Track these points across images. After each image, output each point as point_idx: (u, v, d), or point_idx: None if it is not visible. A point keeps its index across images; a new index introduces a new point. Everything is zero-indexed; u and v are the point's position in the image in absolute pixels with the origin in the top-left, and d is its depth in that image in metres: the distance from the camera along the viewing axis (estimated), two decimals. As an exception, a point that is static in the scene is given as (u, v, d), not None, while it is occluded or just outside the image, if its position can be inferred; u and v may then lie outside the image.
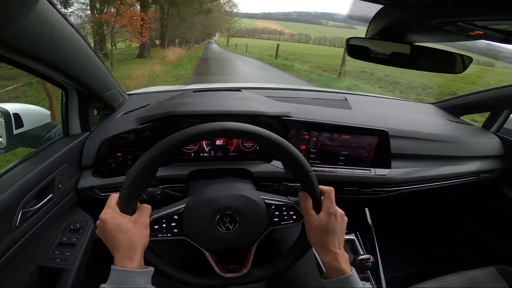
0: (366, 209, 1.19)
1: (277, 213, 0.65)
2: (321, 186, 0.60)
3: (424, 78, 9.81)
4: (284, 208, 0.65)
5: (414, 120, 1.21)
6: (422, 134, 1.13)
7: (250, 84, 1.39)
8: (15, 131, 0.83)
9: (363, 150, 1.02)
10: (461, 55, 0.71)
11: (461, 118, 1.42)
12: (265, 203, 0.65)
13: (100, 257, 0.64)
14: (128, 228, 0.52)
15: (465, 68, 0.72)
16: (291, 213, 0.65)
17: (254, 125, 0.57)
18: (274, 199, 0.66)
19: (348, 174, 1.01)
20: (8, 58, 0.56)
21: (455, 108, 1.42)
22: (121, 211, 0.53)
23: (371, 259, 0.97)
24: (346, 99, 1.27)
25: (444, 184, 1.15)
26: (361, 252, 1.10)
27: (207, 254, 0.63)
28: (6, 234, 0.62)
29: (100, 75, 0.85)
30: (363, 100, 1.38)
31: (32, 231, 0.70)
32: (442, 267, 1.49)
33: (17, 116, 0.84)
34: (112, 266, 0.49)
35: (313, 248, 0.63)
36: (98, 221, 0.53)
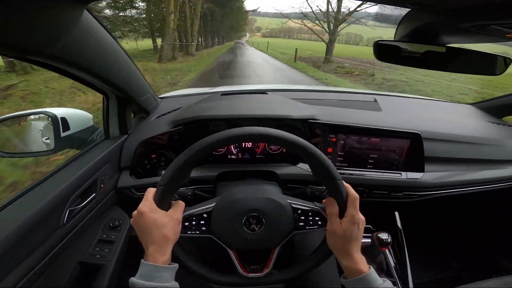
0: (396, 213, 1.15)
1: (302, 217, 0.66)
2: (347, 190, 0.60)
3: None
4: (310, 213, 0.66)
5: (450, 122, 1.15)
6: (458, 137, 1.07)
7: (276, 86, 1.40)
8: (62, 134, 0.90)
9: (394, 153, 0.99)
10: (503, 57, 0.67)
11: (503, 119, 1.32)
12: (292, 207, 0.66)
13: (135, 254, 0.68)
14: (164, 223, 0.55)
15: (506, 68, 0.68)
16: (316, 218, 0.65)
17: (280, 128, 0.58)
18: (300, 203, 0.67)
19: (377, 178, 0.99)
20: (56, 67, 0.60)
21: (497, 108, 1.32)
22: (157, 206, 0.56)
23: (389, 238, 0.93)
24: (375, 101, 1.23)
25: (482, 189, 1.08)
26: (390, 257, 1.06)
27: (231, 253, 0.65)
28: (54, 231, 0.67)
29: (136, 81, 0.90)
30: (394, 101, 1.34)
31: (77, 228, 0.75)
32: (478, 272, 1.40)
33: (64, 120, 0.91)
34: (142, 261, 0.53)
35: None
36: (135, 211, 0.56)
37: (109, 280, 0.78)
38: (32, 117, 0.96)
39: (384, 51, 0.70)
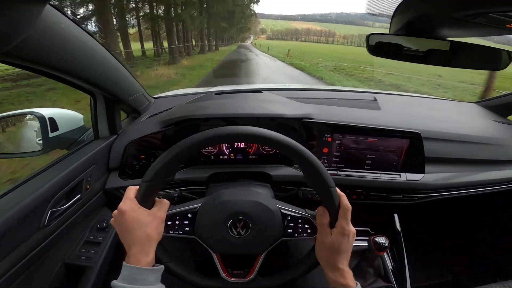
0: (396, 215, 1.11)
1: (291, 224, 0.62)
2: (340, 199, 0.57)
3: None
4: (300, 220, 0.62)
5: (453, 121, 1.11)
6: (461, 136, 1.02)
7: (273, 85, 1.36)
8: (51, 135, 0.88)
9: (393, 154, 0.95)
10: (507, 51, 0.63)
11: (508, 118, 1.27)
12: (281, 212, 0.63)
13: (122, 256, 0.66)
14: (146, 223, 0.52)
15: (510, 62, 0.64)
16: (306, 226, 0.62)
17: (274, 127, 0.55)
18: (291, 210, 0.63)
19: (375, 179, 0.95)
20: (20, 65, 0.57)
21: (502, 107, 1.27)
22: (140, 204, 0.53)
23: (386, 242, 0.89)
24: (375, 99, 1.19)
25: (485, 191, 1.04)
26: (388, 261, 1.02)
27: (214, 256, 0.63)
28: (34, 233, 0.65)
29: (122, 80, 0.88)
30: (394, 100, 1.29)
31: (60, 229, 0.73)
32: (479, 276, 1.35)
33: (52, 120, 0.89)
34: (124, 263, 0.50)
35: None
36: (115, 211, 0.53)
37: (94, 282, 0.76)
38: (26, 117, 0.95)
39: (379, 47, 0.67)
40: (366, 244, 0.92)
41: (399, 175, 0.96)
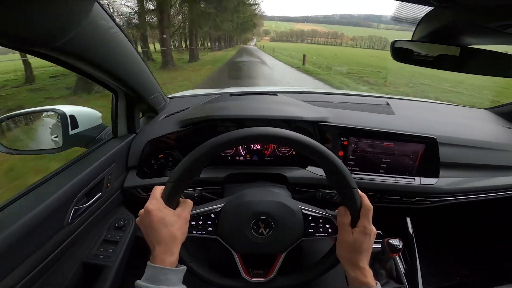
0: (408, 218, 1.12)
1: (312, 224, 0.63)
2: (362, 199, 0.58)
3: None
4: (320, 220, 0.63)
5: (466, 127, 1.12)
6: (475, 142, 1.03)
7: (286, 88, 1.37)
8: (71, 132, 0.90)
9: (408, 158, 0.96)
10: None
11: None
12: (302, 213, 0.64)
13: (139, 255, 0.66)
14: (172, 222, 0.53)
15: None
16: (327, 226, 0.63)
17: (290, 130, 0.56)
18: (312, 210, 0.64)
19: (390, 183, 0.96)
20: (63, 61, 0.59)
21: None
22: (165, 204, 0.54)
23: (400, 244, 0.91)
24: (388, 104, 1.20)
25: (498, 196, 1.05)
26: (400, 263, 1.04)
27: (235, 255, 0.63)
28: (58, 231, 0.66)
29: (145, 79, 0.89)
30: (407, 105, 1.30)
31: (82, 228, 0.74)
32: (492, 281, 1.36)
33: (73, 117, 0.90)
34: (149, 263, 0.51)
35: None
36: (142, 210, 0.54)
37: (112, 281, 0.76)
38: (43, 114, 0.96)
39: (400, 52, 0.68)
40: (380, 246, 0.93)
41: (414, 179, 0.97)
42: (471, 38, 0.59)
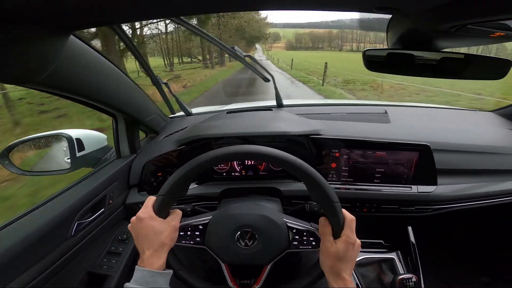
0: (409, 228, 1.09)
1: (297, 237, 0.65)
2: (343, 212, 0.59)
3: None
4: (305, 233, 0.65)
5: (464, 131, 1.10)
6: (473, 147, 1.01)
7: (284, 101, 1.40)
8: (78, 154, 0.97)
9: (402, 167, 0.95)
10: (500, 59, 0.63)
11: None
12: (287, 225, 0.66)
13: None
14: (161, 230, 0.57)
15: (506, 73, 0.64)
16: (311, 238, 0.65)
17: (285, 144, 0.59)
18: (296, 223, 0.66)
19: (386, 192, 0.95)
20: (51, 92, 0.64)
21: None
22: (156, 214, 0.59)
23: (414, 279, 0.88)
24: (386, 112, 1.20)
25: (502, 201, 1.01)
26: (402, 272, 1.01)
27: (223, 265, 0.66)
28: (62, 242, 0.73)
29: (140, 103, 0.95)
30: (406, 112, 1.30)
31: (85, 240, 0.80)
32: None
33: (79, 140, 0.97)
34: (137, 266, 0.55)
35: None
36: (134, 217, 0.59)
37: None
38: (55, 138, 1.04)
39: (372, 61, 0.68)
40: (391, 256, 0.92)
41: (410, 187, 0.96)
42: (434, 42, 0.60)
